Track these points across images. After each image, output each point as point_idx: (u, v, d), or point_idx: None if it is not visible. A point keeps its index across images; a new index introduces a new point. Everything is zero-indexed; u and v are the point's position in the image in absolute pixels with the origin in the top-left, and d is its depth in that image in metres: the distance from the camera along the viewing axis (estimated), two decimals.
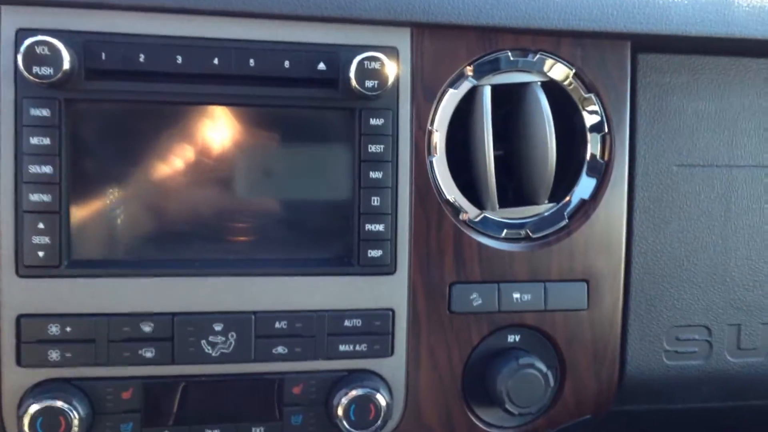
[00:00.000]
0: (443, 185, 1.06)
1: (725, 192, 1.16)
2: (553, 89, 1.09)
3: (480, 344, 1.08)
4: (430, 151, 1.04)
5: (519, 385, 1.04)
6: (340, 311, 1.01)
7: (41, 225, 0.92)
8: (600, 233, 1.10)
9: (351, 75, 0.95)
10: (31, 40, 0.88)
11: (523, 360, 1.05)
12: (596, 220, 1.09)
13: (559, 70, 1.08)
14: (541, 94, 1.07)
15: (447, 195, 1.06)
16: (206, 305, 0.98)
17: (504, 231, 1.08)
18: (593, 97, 1.09)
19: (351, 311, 1.02)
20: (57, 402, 0.92)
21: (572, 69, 1.08)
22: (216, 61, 0.95)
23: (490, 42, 1.05)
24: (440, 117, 1.05)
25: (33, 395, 0.93)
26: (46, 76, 0.88)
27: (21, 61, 0.88)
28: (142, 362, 0.96)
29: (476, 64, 1.05)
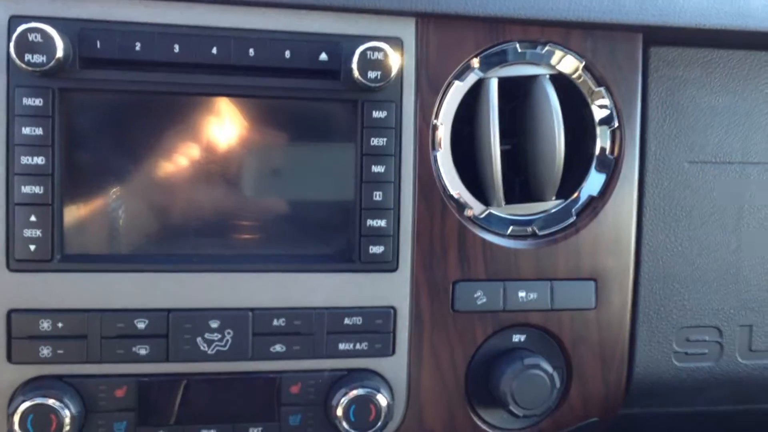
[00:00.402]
0: (447, 180, 1.03)
1: (738, 189, 1.14)
2: (562, 82, 1.06)
3: (484, 344, 1.06)
4: (435, 145, 1.02)
5: (524, 387, 1.02)
6: (341, 309, 0.99)
7: (33, 218, 0.90)
8: (609, 231, 1.07)
9: (353, 66, 0.92)
10: (24, 27, 0.85)
11: (529, 360, 1.03)
12: (605, 218, 1.07)
13: (569, 63, 1.05)
14: (550, 88, 1.04)
15: (451, 190, 1.03)
16: (202, 301, 0.96)
17: (510, 228, 1.06)
18: (603, 91, 1.06)
19: (351, 309, 0.99)
20: (48, 400, 0.89)
21: (582, 61, 1.05)
22: (214, 51, 0.93)
23: (498, 33, 1.02)
24: (445, 110, 1.02)
25: (24, 392, 0.91)
26: (39, 64, 0.85)
27: (13, 49, 0.85)
28: (136, 359, 0.94)
29: (483, 56, 1.02)
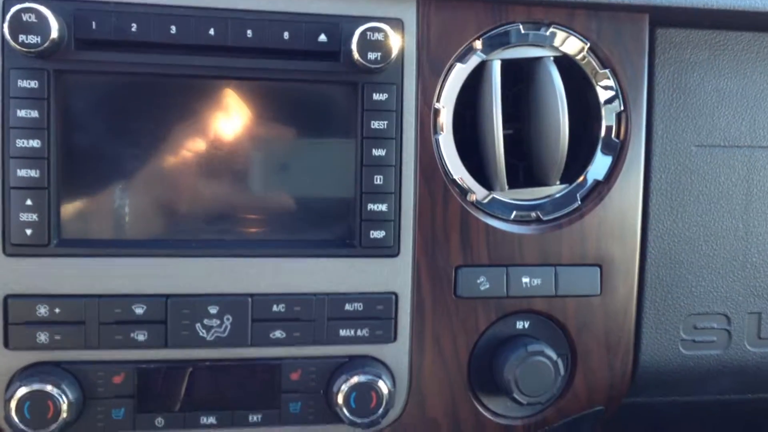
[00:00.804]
0: (450, 164, 1.01)
1: (747, 174, 1.12)
2: (566, 65, 1.04)
3: (487, 330, 1.04)
4: (436, 129, 1.00)
5: (528, 374, 1.00)
6: (341, 295, 0.97)
7: (29, 201, 0.89)
8: (614, 216, 1.05)
9: (353, 47, 0.91)
10: (18, 7, 0.84)
11: (533, 347, 1.01)
12: (610, 203, 1.05)
13: (573, 45, 1.03)
14: (554, 70, 1.02)
15: (454, 175, 1.01)
16: (201, 287, 0.94)
17: (513, 213, 1.04)
18: (608, 73, 1.04)
19: (352, 295, 0.98)
20: (45, 386, 0.88)
21: (587, 43, 1.03)
22: (212, 32, 0.91)
23: (500, 14, 1.00)
24: (447, 93, 1.00)
25: (21, 378, 0.90)
26: (33, 45, 0.84)
27: (7, 30, 0.84)
28: (134, 346, 0.93)
29: (485, 38, 1.00)
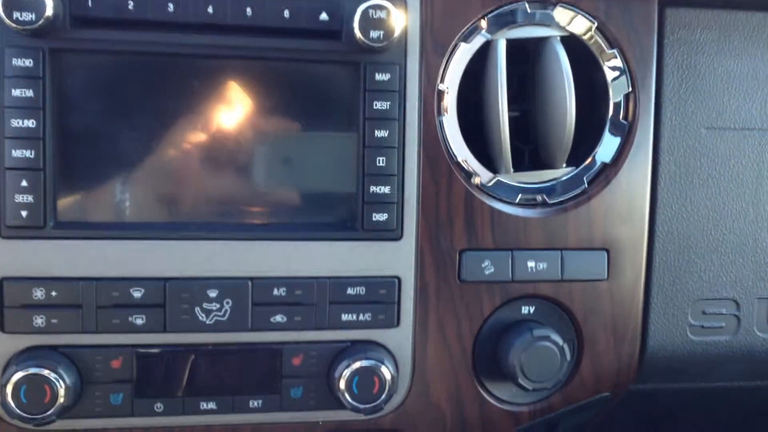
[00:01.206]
0: (454, 146, 0.99)
1: (757, 157, 1.09)
2: (573, 45, 1.02)
3: (492, 315, 1.02)
4: (441, 110, 0.98)
5: (533, 359, 0.99)
6: (343, 278, 0.96)
7: (24, 183, 0.87)
8: (621, 199, 1.03)
9: (355, 25, 0.89)
10: None
11: (538, 332, 0.99)
12: (617, 186, 1.03)
13: (580, 24, 1.01)
14: (561, 50, 1.00)
15: (458, 157, 1.00)
16: (200, 270, 0.93)
17: (519, 196, 1.02)
18: (616, 53, 1.02)
19: (354, 278, 0.96)
20: (43, 370, 0.87)
21: (594, 23, 1.01)
22: (210, 10, 0.90)
23: None
24: (451, 73, 0.98)
25: (17, 362, 0.89)
26: (28, 22, 0.82)
27: (1, 7, 0.82)
28: (133, 330, 0.92)
29: (490, 17, 0.99)
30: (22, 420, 0.87)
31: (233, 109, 0.94)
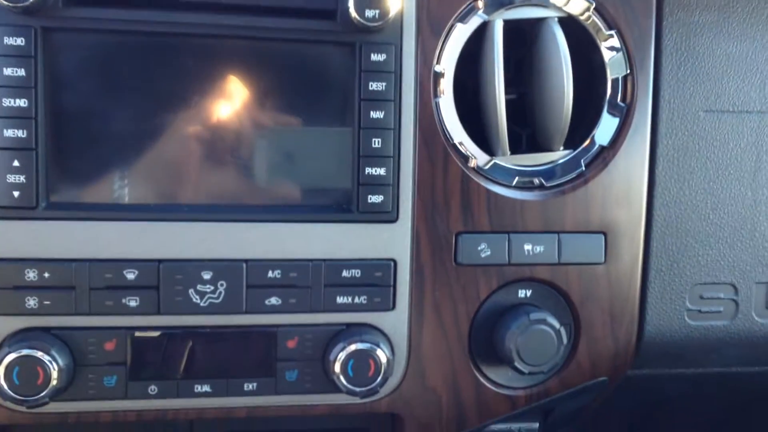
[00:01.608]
0: (450, 128, 0.99)
1: (756, 140, 1.08)
2: (570, 27, 1.01)
3: (488, 299, 1.02)
4: (437, 92, 0.97)
5: (530, 342, 0.98)
6: (338, 261, 0.95)
7: (16, 163, 0.86)
8: (619, 182, 1.02)
9: (350, 4, 0.88)
10: None
11: (535, 315, 0.99)
12: (615, 169, 1.02)
13: (577, 5, 1.00)
14: (558, 31, 0.99)
15: (454, 139, 0.99)
16: (194, 252, 0.92)
17: (515, 179, 1.01)
18: (614, 34, 1.01)
19: (350, 261, 0.95)
20: (35, 352, 0.87)
21: (592, 3, 1.00)
22: None
23: None
24: (448, 54, 0.97)
25: (9, 344, 0.88)
26: (20, 0, 0.81)
27: None
28: (126, 312, 0.91)
29: None
30: (15, 402, 0.87)
31: (227, 91, 0.93)
